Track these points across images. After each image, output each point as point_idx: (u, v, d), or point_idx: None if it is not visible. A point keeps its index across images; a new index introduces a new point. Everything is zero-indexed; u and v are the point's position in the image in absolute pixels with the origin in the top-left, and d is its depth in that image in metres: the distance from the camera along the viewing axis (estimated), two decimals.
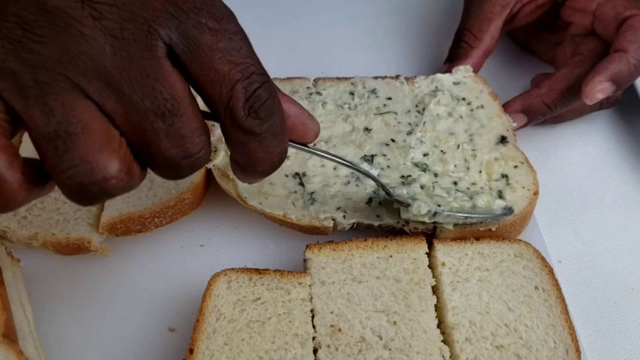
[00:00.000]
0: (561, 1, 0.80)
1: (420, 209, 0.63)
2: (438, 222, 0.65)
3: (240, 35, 0.45)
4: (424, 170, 0.71)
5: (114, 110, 0.42)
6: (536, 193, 0.68)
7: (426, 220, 0.64)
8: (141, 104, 0.42)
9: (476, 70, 0.81)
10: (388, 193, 0.65)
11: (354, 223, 0.67)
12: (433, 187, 0.67)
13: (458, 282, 0.61)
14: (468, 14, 0.82)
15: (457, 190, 0.68)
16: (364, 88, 0.79)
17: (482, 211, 0.65)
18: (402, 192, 0.66)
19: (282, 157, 0.49)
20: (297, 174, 0.71)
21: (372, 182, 0.68)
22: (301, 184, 0.70)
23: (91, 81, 0.41)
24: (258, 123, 0.45)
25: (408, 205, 0.64)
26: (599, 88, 0.69)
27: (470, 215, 0.64)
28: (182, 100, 0.43)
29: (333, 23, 0.93)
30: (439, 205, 0.64)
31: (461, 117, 0.75)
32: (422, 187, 0.67)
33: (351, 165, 0.60)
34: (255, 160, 0.48)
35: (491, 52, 0.81)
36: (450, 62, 0.81)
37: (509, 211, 0.66)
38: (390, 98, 0.78)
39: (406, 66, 0.88)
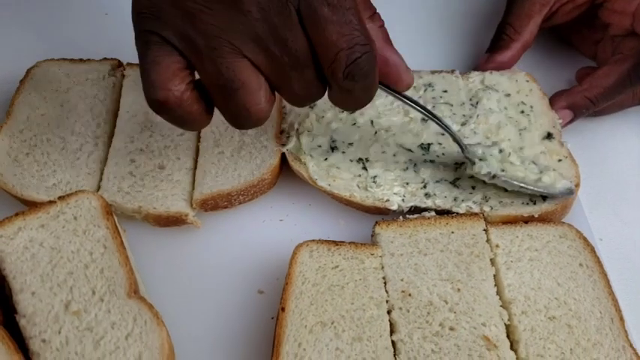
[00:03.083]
0: (600, 3, 0.87)
1: (481, 169, 0.72)
2: (496, 184, 0.73)
3: (352, 11, 0.56)
4: None
5: (262, 63, 0.56)
6: (577, 185, 0.75)
7: (486, 180, 0.73)
8: (281, 59, 0.56)
9: (515, 61, 0.88)
10: (461, 148, 0.74)
11: (412, 206, 0.75)
12: (509, 153, 0.75)
13: (511, 261, 0.68)
14: (510, 10, 0.89)
15: (532, 162, 0.75)
16: (421, 80, 0.87)
17: (542, 186, 0.72)
18: (476, 150, 0.74)
19: (368, 102, 0.62)
20: (360, 159, 0.79)
21: (430, 170, 0.76)
22: (364, 168, 0.78)
23: (247, 43, 0.55)
24: (353, 85, 0.58)
25: (473, 163, 0.73)
26: None
27: (526, 186, 0.72)
28: (308, 60, 0.57)
29: (388, 19, 1.01)
30: (502, 171, 0.73)
31: (511, 112, 0.82)
32: (500, 150, 0.75)
33: (430, 115, 0.71)
34: (346, 105, 0.63)
35: (530, 45, 0.88)
36: (491, 52, 0.88)
37: (569, 192, 0.73)
38: (445, 91, 0.85)
39: (458, 59, 0.95)
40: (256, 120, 0.60)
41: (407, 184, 0.76)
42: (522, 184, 0.72)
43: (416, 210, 0.75)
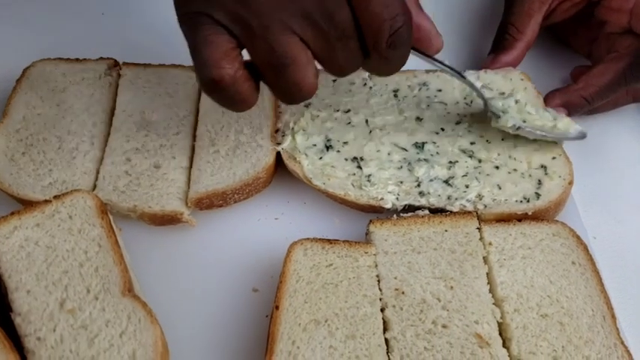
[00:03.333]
0: (597, 1, 0.87)
1: (507, 122, 0.76)
2: (519, 134, 0.77)
3: None
4: (470, 156, 0.79)
5: (310, 37, 0.59)
6: (570, 183, 0.75)
7: (510, 131, 0.77)
8: (328, 32, 0.58)
9: (519, 60, 0.88)
10: (485, 102, 0.78)
11: (406, 205, 0.75)
12: (525, 103, 0.79)
13: (504, 259, 0.69)
14: (510, 10, 0.89)
15: (545, 110, 0.80)
16: (415, 79, 0.87)
17: (558, 132, 0.78)
18: (497, 104, 0.78)
19: (402, 66, 0.65)
20: (355, 158, 0.79)
21: (424, 169, 0.77)
22: (359, 167, 0.78)
23: (296, 19, 0.57)
24: (394, 53, 0.61)
25: (498, 117, 0.77)
26: None
27: (546, 134, 0.77)
28: (352, 32, 0.59)
29: None
30: (524, 121, 0.77)
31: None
32: (516, 101, 0.79)
33: (456, 72, 0.75)
34: (382, 71, 0.66)
35: (532, 44, 0.88)
36: (496, 53, 0.89)
37: (581, 135, 0.79)
38: (440, 90, 0.85)
39: (453, 59, 0.95)
40: (307, 94, 0.62)
41: (401, 182, 0.76)
42: (543, 133, 0.77)
43: (410, 208, 0.75)
